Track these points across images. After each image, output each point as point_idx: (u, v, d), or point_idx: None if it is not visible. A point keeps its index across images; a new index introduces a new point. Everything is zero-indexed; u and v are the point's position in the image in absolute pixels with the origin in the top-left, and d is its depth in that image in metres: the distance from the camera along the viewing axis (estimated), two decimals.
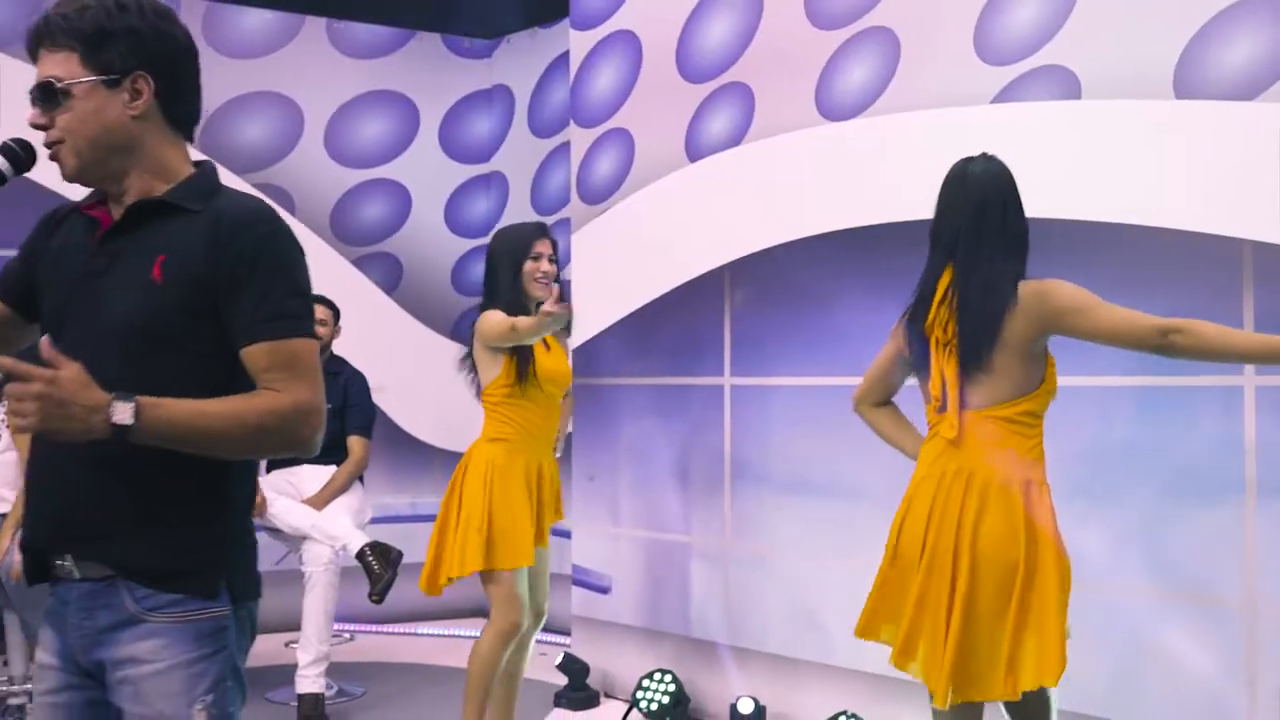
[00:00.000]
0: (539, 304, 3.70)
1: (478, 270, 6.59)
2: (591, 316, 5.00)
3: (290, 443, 1.80)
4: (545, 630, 5.61)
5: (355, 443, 4.88)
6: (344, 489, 4.77)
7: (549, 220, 6.25)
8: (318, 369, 1.82)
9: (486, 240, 6.53)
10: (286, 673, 5.20)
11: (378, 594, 4.45)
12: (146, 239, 1.80)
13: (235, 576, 1.84)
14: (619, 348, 4.91)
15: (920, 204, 3.94)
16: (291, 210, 6.12)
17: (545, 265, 3.72)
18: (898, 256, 4.07)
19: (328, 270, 6.14)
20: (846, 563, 4.16)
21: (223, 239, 1.77)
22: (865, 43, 4.12)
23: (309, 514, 4.60)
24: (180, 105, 1.86)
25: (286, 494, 4.70)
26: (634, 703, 4.53)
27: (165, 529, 1.78)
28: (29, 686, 4.44)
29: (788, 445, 4.37)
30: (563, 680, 4.84)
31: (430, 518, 4.48)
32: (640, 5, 4.88)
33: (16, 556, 4.16)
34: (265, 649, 5.67)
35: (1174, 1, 3.38)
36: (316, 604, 4.51)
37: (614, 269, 4.93)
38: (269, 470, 4.86)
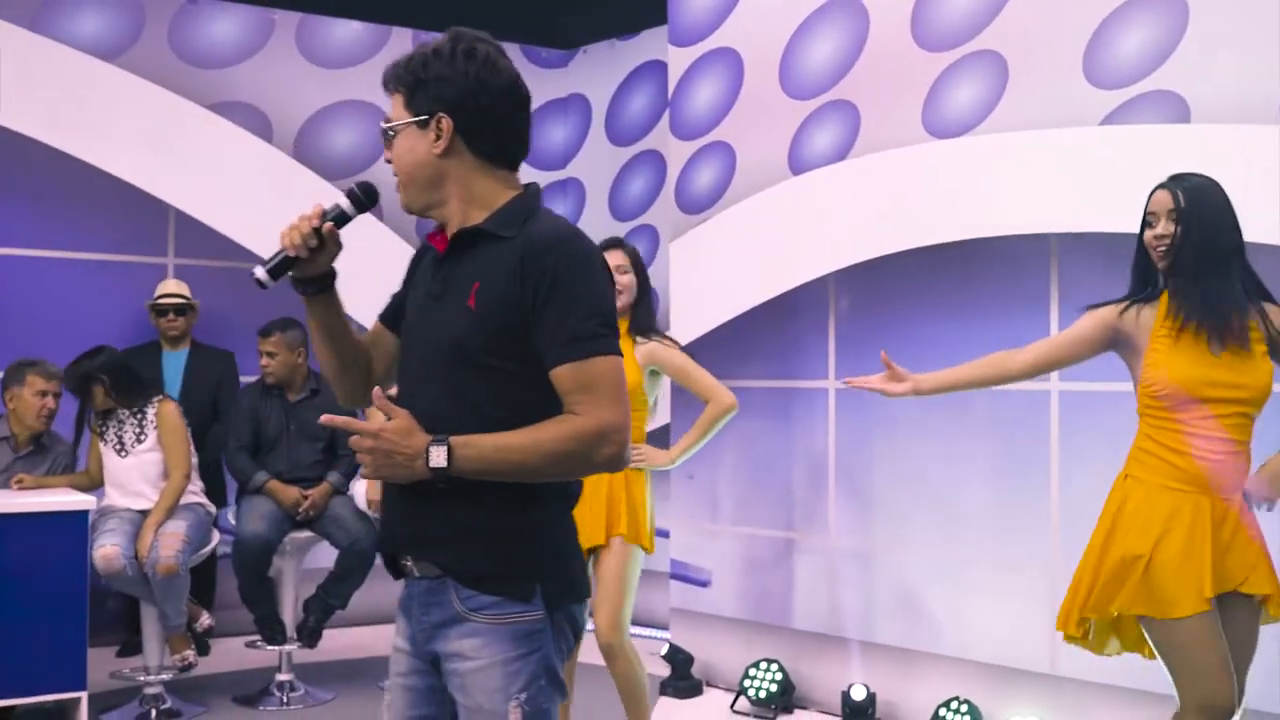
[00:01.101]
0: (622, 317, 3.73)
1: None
2: (690, 321, 5.21)
3: (591, 464, 1.91)
4: (645, 625, 5.85)
5: None
6: None
7: (629, 226, 6.47)
8: (618, 386, 1.90)
9: None
10: None
11: None
12: (466, 266, 1.97)
13: (550, 583, 1.95)
14: (719, 351, 5.11)
15: (1027, 220, 4.19)
16: (380, 216, 6.32)
17: (620, 277, 3.73)
18: (1004, 269, 4.31)
19: None
20: (953, 557, 4.39)
21: (527, 264, 1.89)
22: (973, 65, 4.34)
23: None
24: (484, 140, 1.98)
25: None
26: (742, 690, 4.75)
27: (480, 536, 1.93)
28: (164, 676, 4.65)
29: (892, 446, 4.60)
30: (666, 670, 5.06)
31: None
32: (742, 24, 5.09)
33: (164, 551, 4.39)
34: (367, 641, 5.87)
35: None
36: None
37: (714, 276, 5.14)
38: None
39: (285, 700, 4.83)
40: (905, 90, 4.51)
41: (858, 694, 4.42)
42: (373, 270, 6.05)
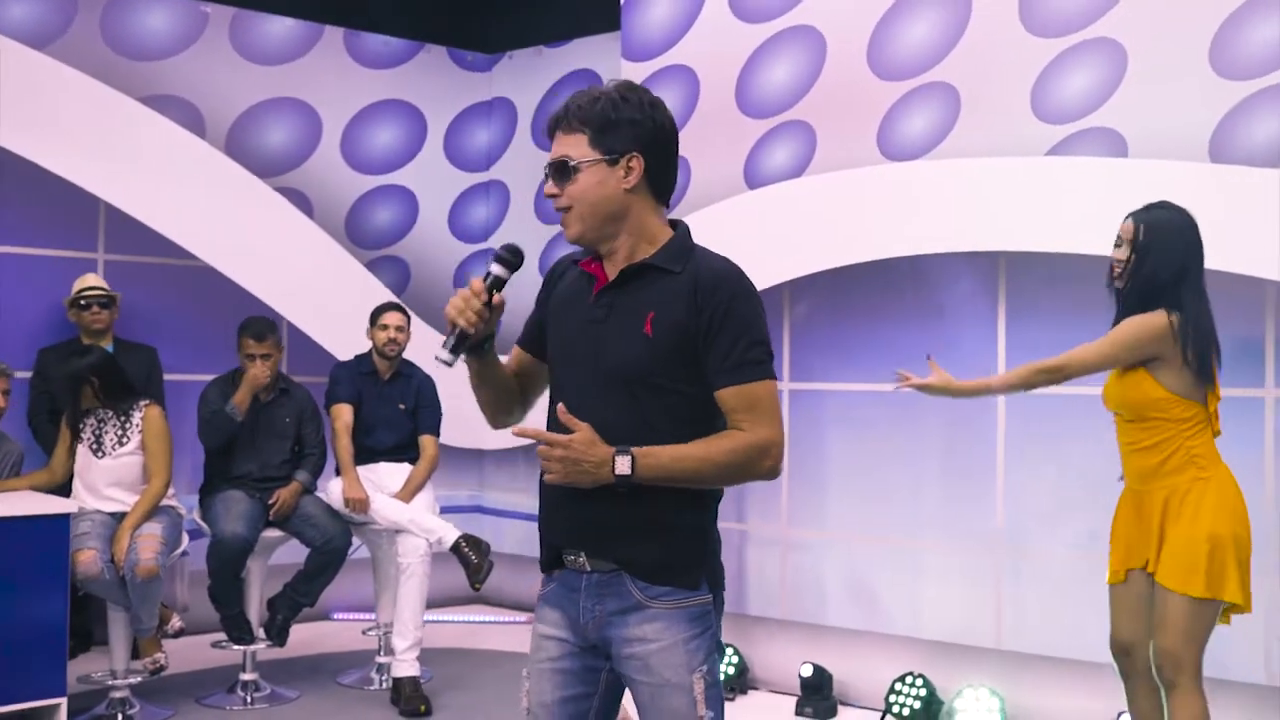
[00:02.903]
0: None
1: (478, 274, 6.95)
2: None
3: (752, 475, 2.16)
4: None
5: (429, 442, 5.19)
6: (423, 485, 5.08)
7: (556, 230, 6.65)
8: (777, 407, 2.17)
9: (486, 245, 6.90)
10: (356, 658, 5.49)
11: (479, 582, 4.80)
12: (636, 296, 2.18)
13: (710, 570, 2.22)
14: None
15: (977, 239, 4.61)
16: (310, 214, 6.32)
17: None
18: (954, 283, 4.73)
19: (343, 273, 6.38)
20: (903, 545, 4.79)
21: (700, 297, 2.13)
22: (927, 95, 4.73)
23: (405, 509, 4.90)
24: (662, 180, 2.22)
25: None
26: None
27: (657, 534, 2.16)
28: (131, 680, 4.61)
29: (844, 444, 4.97)
30: None
31: (448, 511, 4.94)
32: (697, 45, 5.36)
33: (144, 553, 4.37)
34: (327, 635, 5.87)
35: (1212, 80, 4.11)
36: (413, 593, 4.82)
37: None
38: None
39: (250, 700, 4.84)
40: (861, 115, 4.87)
41: (811, 673, 4.76)
42: (305, 268, 6.09)
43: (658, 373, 2.14)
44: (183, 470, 5.11)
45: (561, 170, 2.18)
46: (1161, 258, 3.36)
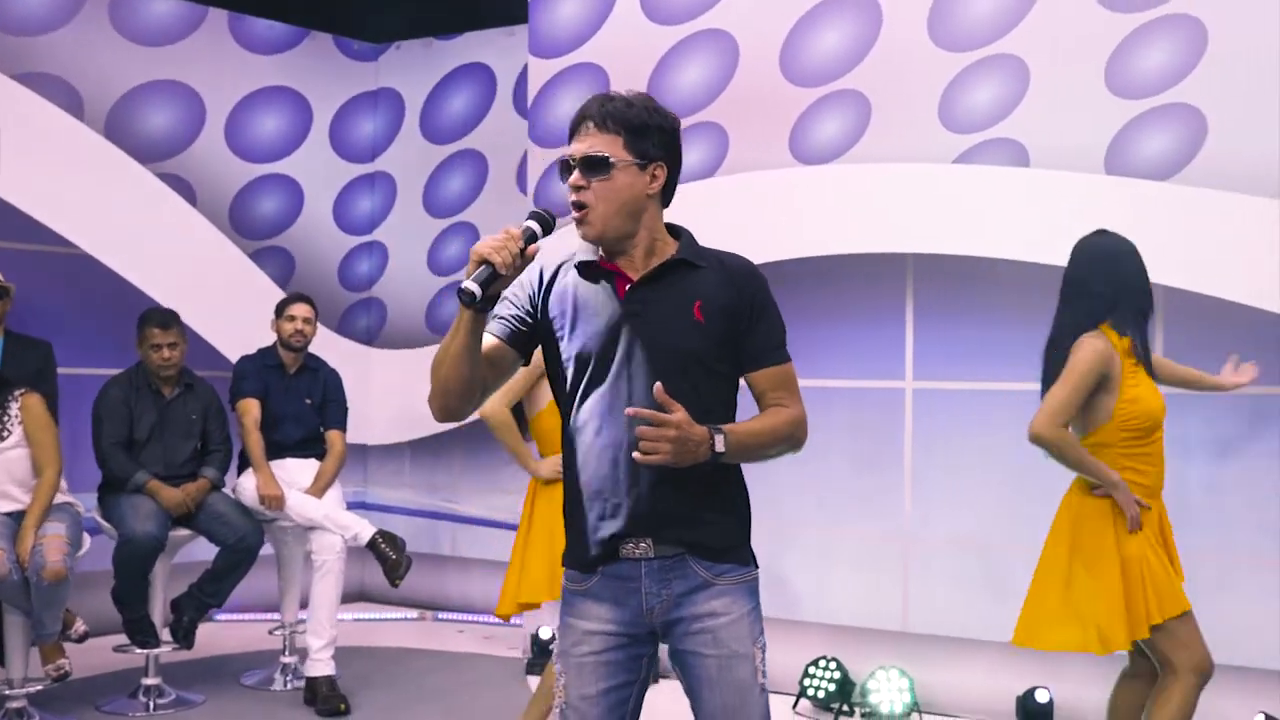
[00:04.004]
0: None
1: (363, 266, 6.85)
2: None
3: (794, 446, 2.33)
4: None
5: (336, 437, 5.09)
6: (333, 481, 4.99)
7: (446, 223, 6.62)
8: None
9: (371, 238, 6.79)
10: (257, 658, 5.34)
11: (399, 578, 4.74)
12: (671, 289, 2.26)
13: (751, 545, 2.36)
14: None
15: (886, 240, 4.84)
16: (193, 202, 6.09)
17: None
18: (864, 282, 4.95)
19: (226, 264, 6.18)
20: (812, 534, 4.98)
21: (740, 285, 2.28)
22: (838, 101, 4.93)
23: (320, 505, 4.80)
24: (672, 187, 2.34)
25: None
26: None
27: (717, 515, 2.28)
28: (28, 690, 4.40)
29: None
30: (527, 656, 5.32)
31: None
32: (607, 43, 5.42)
33: (52, 555, 4.18)
34: (218, 635, 5.63)
35: (1108, 98, 4.44)
36: (328, 591, 4.74)
37: None
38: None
39: (153, 706, 4.65)
40: (773, 118, 5.03)
41: None
42: (188, 258, 5.87)
43: (709, 355, 2.25)
44: (77, 465, 4.86)
45: (598, 165, 2.22)
46: None
